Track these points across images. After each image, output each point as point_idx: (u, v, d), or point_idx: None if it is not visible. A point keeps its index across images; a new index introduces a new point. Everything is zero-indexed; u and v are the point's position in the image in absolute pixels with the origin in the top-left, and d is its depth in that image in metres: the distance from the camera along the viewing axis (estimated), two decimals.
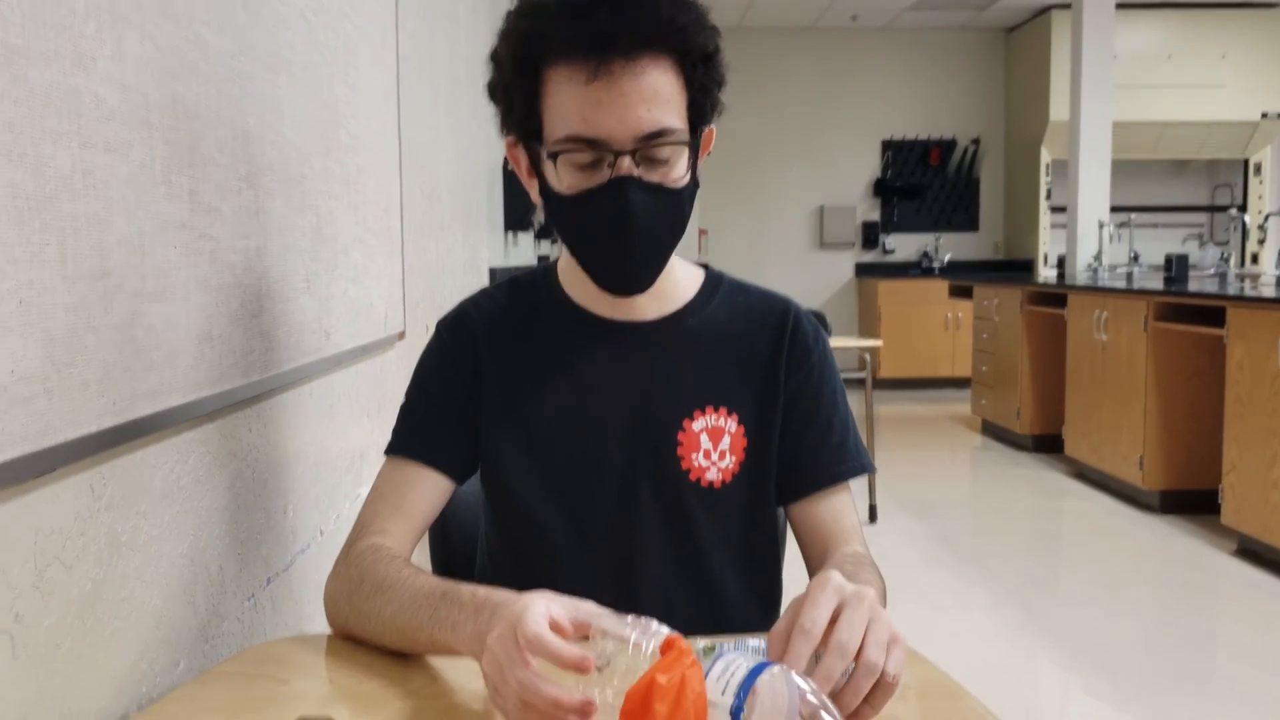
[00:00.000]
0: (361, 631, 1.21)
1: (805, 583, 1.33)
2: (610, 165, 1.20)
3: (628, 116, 1.17)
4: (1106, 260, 7.55)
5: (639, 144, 1.19)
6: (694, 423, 1.36)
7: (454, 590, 1.09)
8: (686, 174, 1.25)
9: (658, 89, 1.18)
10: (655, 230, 1.24)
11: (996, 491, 6.28)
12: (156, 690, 1.18)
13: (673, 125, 1.20)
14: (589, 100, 1.17)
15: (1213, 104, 9.65)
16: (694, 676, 0.84)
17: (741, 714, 0.83)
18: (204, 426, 1.32)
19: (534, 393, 1.37)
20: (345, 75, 1.96)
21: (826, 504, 1.38)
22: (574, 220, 1.26)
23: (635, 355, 1.38)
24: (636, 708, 0.83)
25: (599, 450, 1.35)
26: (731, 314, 1.42)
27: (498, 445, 1.37)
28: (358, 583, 1.21)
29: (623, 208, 1.20)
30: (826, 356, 1.43)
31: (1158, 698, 3.28)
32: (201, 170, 1.27)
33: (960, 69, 10.59)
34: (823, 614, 0.93)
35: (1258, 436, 4.43)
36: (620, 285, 1.31)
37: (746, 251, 10.38)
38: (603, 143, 1.18)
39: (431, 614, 1.09)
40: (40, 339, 0.92)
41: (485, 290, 1.46)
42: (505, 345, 1.39)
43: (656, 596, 1.35)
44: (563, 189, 1.23)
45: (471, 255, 3.85)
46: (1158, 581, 4.47)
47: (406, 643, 1.15)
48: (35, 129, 0.91)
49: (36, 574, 0.94)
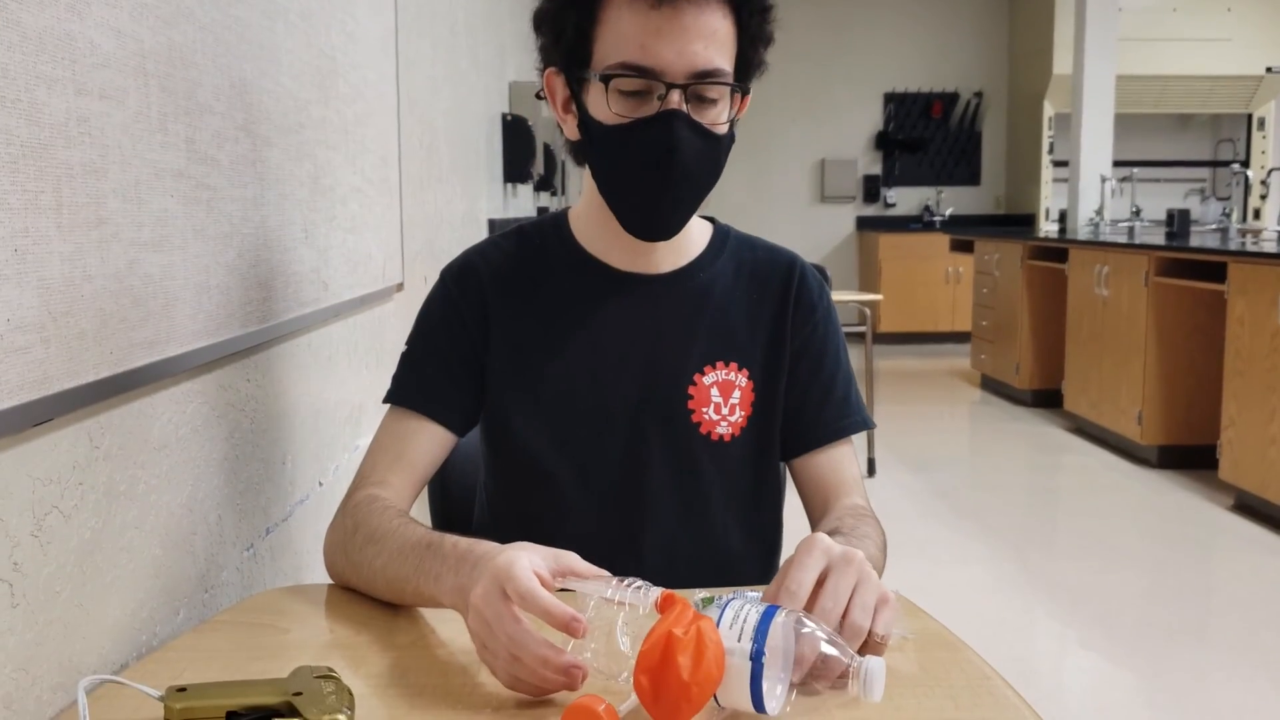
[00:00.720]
0: (355, 582, 1.21)
1: (804, 532, 1.34)
2: (660, 98, 1.19)
3: (685, 50, 1.17)
4: (1108, 215, 7.52)
5: (691, 79, 1.19)
6: (705, 377, 1.36)
7: (438, 542, 1.09)
8: (728, 123, 1.24)
9: (716, 29, 1.19)
10: (695, 172, 1.23)
11: (995, 446, 6.29)
12: (156, 639, 1.18)
13: (724, 67, 1.21)
14: (649, 28, 1.17)
15: (1217, 58, 9.59)
16: (708, 626, 0.84)
17: (764, 656, 0.84)
18: (202, 377, 1.32)
19: (545, 344, 1.36)
20: (343, 24, 1.94)
21: (828, 458, 1.39)
22: (615, 151, 1.24)
23: (648, 308, 1.37)
24: (657, 663, 0.83)
25: (610, 402, 1.35)
26: (739, 268, 1.41)
27: (505, 396, 1.36)
28: (352, 533, 1.22)
29: (668, 141, 1.20)
30: (831, 311, 1.43)
31: (1153, 651, 3.30)
32: (198, 118, 1.26)
33: (964, 21, 10.50)
34: (809, 576, 0.95)
35: (1257, 392, 4.43)
36: (648, 228, 1.29)
37: (748, 204, 10.33)
38: (657, 72, 1.18)
39: (416, 566, 1.09)
40: (36, 288, 0.92)
41: (491, 239, 1.44)
42: (514, 296, 1.38)
43: (661, 547, 1.36)
44: (607, 118, 1.22)
45: (470, 207, 3.84)
46: (1155, 536, 4.49)
47: (394, 594, 1.15)
48: (29, 74, 0.90)
49: (35, 523, 0.94)
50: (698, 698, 0.83)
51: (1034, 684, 3.07)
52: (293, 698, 0.88)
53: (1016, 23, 10.39)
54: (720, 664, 0.84)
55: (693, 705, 0.83)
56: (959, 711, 0.93)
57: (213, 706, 0.87)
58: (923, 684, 0.96)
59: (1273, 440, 4.30)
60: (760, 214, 10.33)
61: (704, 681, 0.83)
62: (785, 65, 10.32)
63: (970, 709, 0.93)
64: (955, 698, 0.95)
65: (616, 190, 1.28)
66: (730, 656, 0.85)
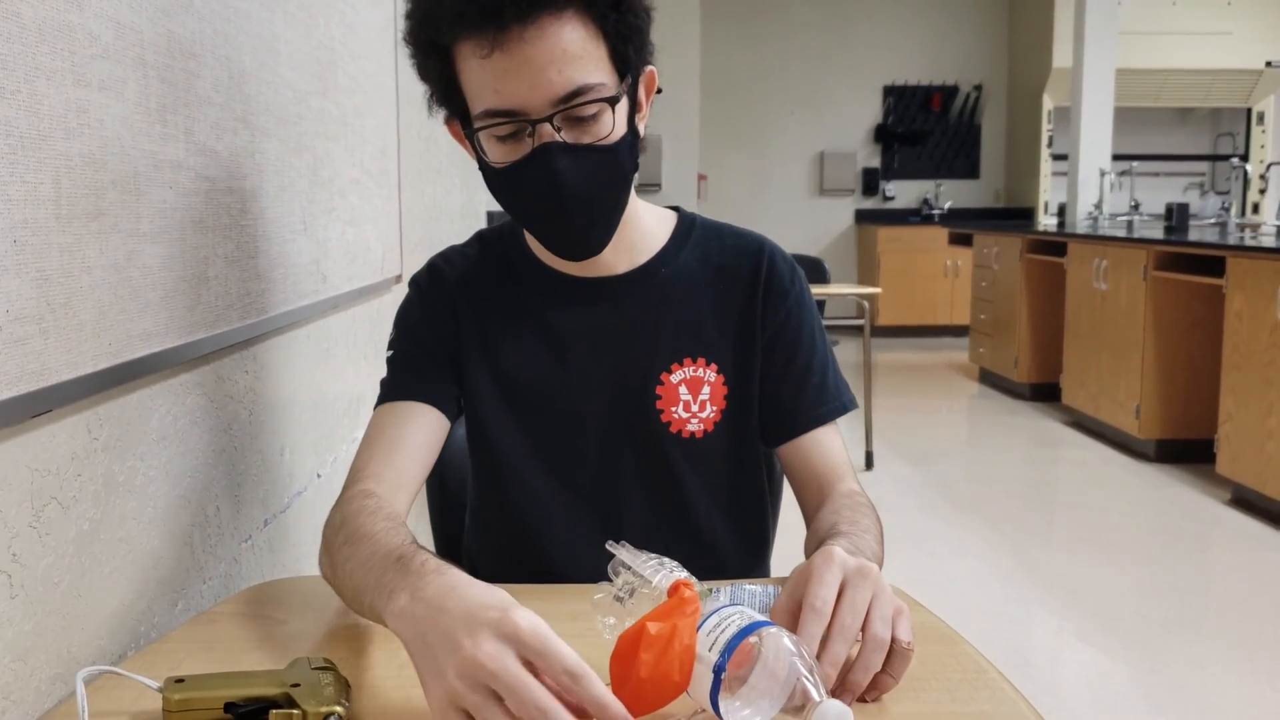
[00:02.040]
0: (334, 583, 1.12)
1: (798, 523, 1.34)
2: (530, 135, 1.15)
3: (537, 81, 1.11)
4: (1107, 209, 7.52)
5: (555, 108, 1.13)
6: (672, 375, 1.35)
7: (408, 557, 0.95)
8: (620, 126, 1.18)
9: (565, 47, 1.11)
10: (590, 192, 1.19)
11: (993, 440, 6.29)
12: (154, 630, 1.18)
13: (589, 81, 1.14)
14: (495, 72, 1.12)
15: (1217, 52, 9.57)
16: (686, 628, 0.84)
17: (723, 674, 0.83)
18: (200, 369, 1.32)
19: (511, 349, 1.35)
20: (342, 15, 1.94)
21: (813, 445, 1.37)
22: (508, 193, 1.22)
23: (609, 311, 1.35)
24: (625, 650, 0.83)
25: (579, 407, 1.35)
26: (705, 259, 1.39)
27: (478, 395, 1.36)
28: (338, 530, 1.13)
29: (549, 175, 1.15)
30: (804, 296, 1.40)
31: (1150, 644, 3.31)
32: (197, 110, 1.26)
33: (963, 14, 10.49)
34: (832, 593, 0.93)
35: (1255, 387, 4.43)
36: (569, 251, 1.27)
37: (746, 197, 10.33)
38: (518, 112, 1.13)
39: (378, 578, 0.96)
40: (35, 279, 0.92)
41: (454, 247, 1.43)
42: (480, 301, 1.37)
43: (644, 546, 1.36)
44: (494, 163, 1.20)
45: (469, 199, 3.83)
46: (1152, 530, 4.50)
47: (356, 604, 1.04)
48: (28, 65, 0.90)
49: (33, 514, 0.94)
50: (653, 696, 0.83)
51: (1031, 677, 3.08)
52: (290, 689, 0.88)
53: (1016, 16, 10.37)
54: (685, 668, 0.83)
55: (646, 703, 0.82)
56: (956, 704, 0.93)
57: (211, 697, 0.87)
58: (920, 677, 0.97)
59: (1270, 434, 4.31)
60: (758, 207, 10.33)
61: (660, 682, 0.82)
62: (784, 58, 10.32)
63: (967, 702, 0.93)
64: (952, 691, 0.95)
65: (527, 225, 1.29)
66: (698, 663, 0.84)
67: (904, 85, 10.53)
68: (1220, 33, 9.55)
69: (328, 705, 0.86)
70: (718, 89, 9.79)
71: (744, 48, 10.10)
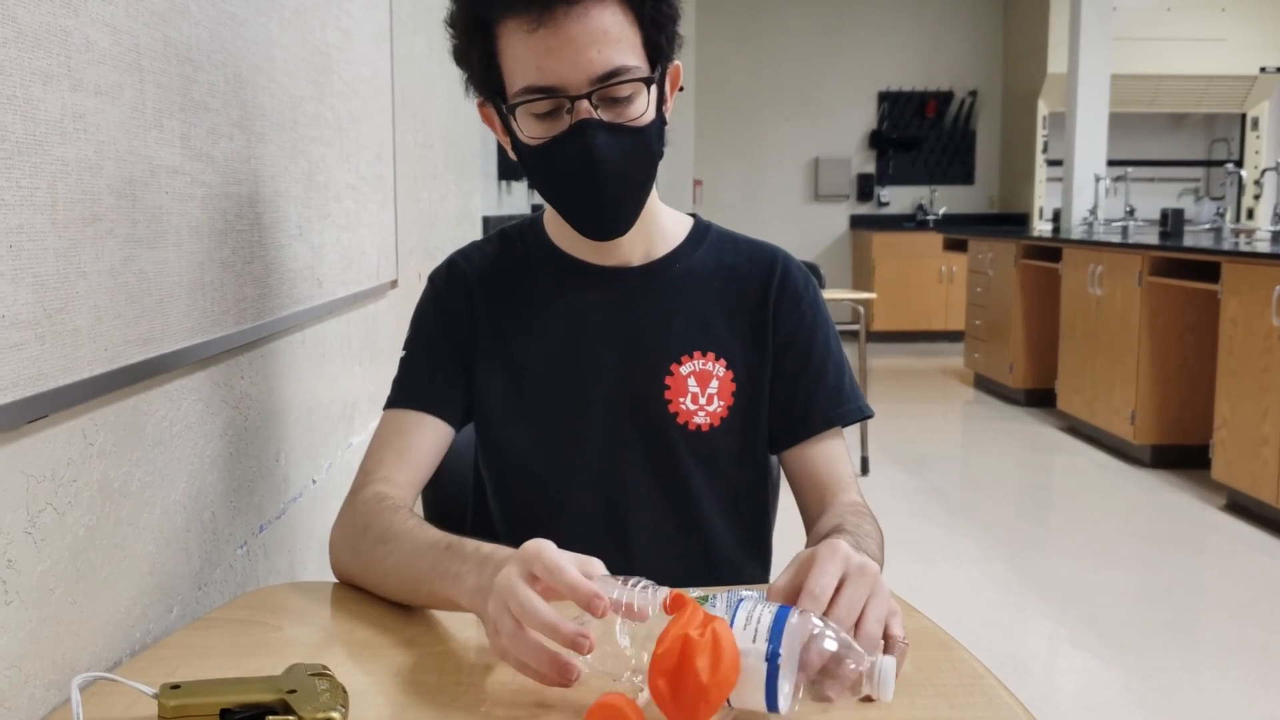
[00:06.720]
0: (363, 581, 1.22)
1: (795, 530, 1.34)
2: (569, 111, 1.19)
3: (579, 60, 1.16)
4: (1102, 214, 7.52)
5: (594, 86, 1.18)
6: (681, 367, 1.37)
7: (458, 544, 1.08)
8: (650, 111, 1.24)
9: (606, 29, 1.17)
10: (623, 170, 1.23)
11: (988, 445, 6.30)
12: (150, 636, 1.18)
13: (627, 63, 1.19)
14: (538, 49, 1.17)
15: (1212, 57, 9.60)
16: (722, 628, 0.84)
17: (780, 659, 0.84)
18: (196, 374, 1.32)
19: (524, 338, 1.38)
20: (338, 20, 1.94)
21: (821, 451, 1.39)
22: (543, 170, 1.26)
23: (622, 300, 1.38)
24: (674, 666, 0.82)
25: (587, 394, 1.37)
26: (719, 261, 1.42)
27: (489, 390, 1.39)
28: (362, 531, 1.22)
29: (586, 151, 1.20)
30: (818, 303, 1.43)
31: (1145, 649, 3.31)
32: (193, 115, 1.26)
33: (958, 20, 10.51)
34: (831, 582, 0.94)
35: (1249, 392, 4.44)
36: (596, 229, 1.31)
37: (741, 202, 10.34)
38: (558, 89, 1.18)
39: (433, 566, 1.08)
40: (31, 284, 0.92)
41: (474, 243, 1.47)
42: (497, 295, 1.40)
43: (646, 535, 1.37)
44: (528, 141, 1.23)
45: (465, 204, 3.83)
46: (1147, 535, 4.50)
47: (408, 594, 1.15)
48: (25, 70, 0.90)
49: (29, 520, 0.94)
50: (716, 699, 0.83)
51: (1026, 682, 3.08)
52: (287, 695, 0.88)
53: (1011, 21, 10.39)
54: (736, 666, 0.84)
55: (710, 707, 0.83)
56: (952, 710, 0.93)
57: (207, 704, 0.87)
58: (915, 683, 0.97)
59: (1265, 440, 4.31)
60: (753, 212, 10.34)
61: (722, 684, 0.82)
62: (779, 64, 10.33)
63: (963, 708, 0.93)
64: (948, 696, 0.95)
65: (557, 202, 1.31)
66: (745, 658, 0.84)
67: (899, 91, 10.54)
68: (1214, 39, 9.57)
69: (324, 712, 0.86)
70: (713, 94, 9.80)
71: (739, 53, 10.11)
